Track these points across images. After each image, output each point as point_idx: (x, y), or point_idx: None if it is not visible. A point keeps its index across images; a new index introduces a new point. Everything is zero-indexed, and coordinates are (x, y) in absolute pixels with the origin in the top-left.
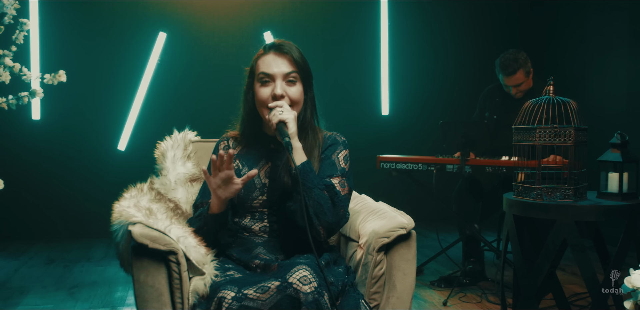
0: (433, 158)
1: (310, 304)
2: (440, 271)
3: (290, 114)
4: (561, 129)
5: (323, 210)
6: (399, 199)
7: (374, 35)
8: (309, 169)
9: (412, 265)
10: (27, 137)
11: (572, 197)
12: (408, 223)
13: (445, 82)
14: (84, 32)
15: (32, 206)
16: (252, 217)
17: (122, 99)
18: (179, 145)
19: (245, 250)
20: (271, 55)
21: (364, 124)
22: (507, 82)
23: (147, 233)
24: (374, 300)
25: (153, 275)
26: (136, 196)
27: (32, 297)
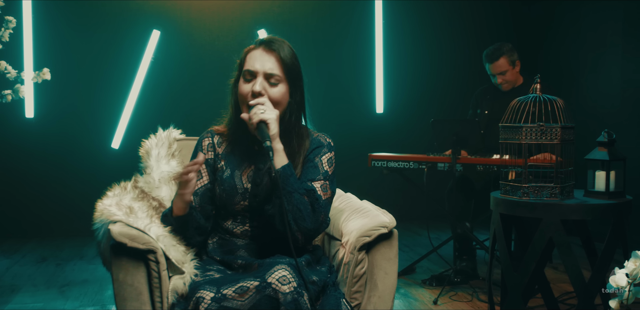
0: (424, 156)
1: (289, 304)
2: (432, 270)
3: (272, 114)
4: (548, 127)
5: (302, 216)
6: (393, 197)
7: (368, 33)
8: (290, 173)
9: (394, 264)
10: (20, 135)
11: (559, 195)
12: (389, 222)
13: (440, 81)
14: (77, 30)
15: (25, 204)
16: (234, 220)
17: (115, 97)
18: (163, 144)
19: (228, 252)
20: (260, 50)
21: (358, 122)
22: (491, 70)
23: (126, 232)
24: (355, 300)
25: (132, 274)
26: (119, 195)
27: (22, 295)
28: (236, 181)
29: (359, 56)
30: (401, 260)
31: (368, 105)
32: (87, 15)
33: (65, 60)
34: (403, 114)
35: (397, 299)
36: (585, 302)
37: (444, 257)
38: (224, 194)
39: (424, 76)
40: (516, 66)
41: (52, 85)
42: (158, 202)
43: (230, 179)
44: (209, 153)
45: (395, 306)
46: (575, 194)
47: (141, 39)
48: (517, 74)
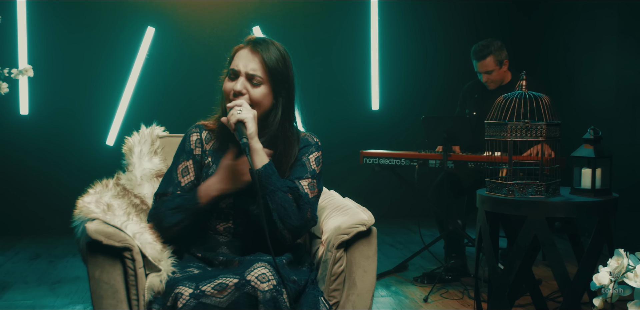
0: (416, 153)
1: (267, 302)
2: (425, 267)
3: (249, 114)
4: (533, 124)
5: (287, 214)
6: (390, 194)
7: (364, 30)
8: (271, 172)
9: (373, 262)
10: (15, 132)
11: (544, 193)
12: (368, 219)
13: (436, 78)
14: (72, 27)
15: (20, 201)
16: (217, 217)
17: (110, 94)
18: (145, 141)
19: (210, 248)
20: (246, 50)
21: (353, 119)
22: (478, 68)
23: (102, 229)
24: (333, 298)
25: (108, 271)
26: (100, 192)
27: (12, 292)
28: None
29: (355, 53)
30: (394, 258)
31: (363, 102)
32: (81, 12)
33: (60, 57)
34: (399, 111)
35: (388, 297)
36: (571, 301)
37: (437, 254)
38: None
39: (420, 73)
40: (504, 65)
41: (47, 83)
42: (140, 200)
43: None
44: (197, 149)
45: (385, 304)
46: (562, 191)
47: (136, 36)
48: (504, 73)
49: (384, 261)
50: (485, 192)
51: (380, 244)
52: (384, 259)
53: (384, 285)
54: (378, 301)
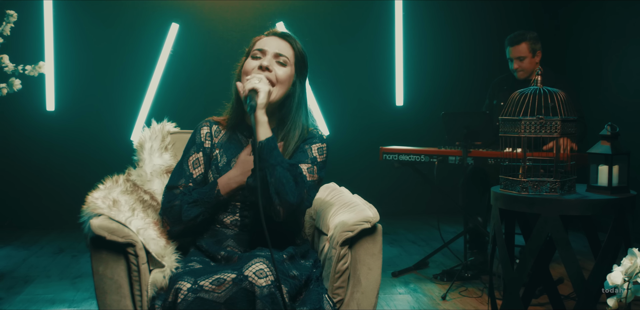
0: (435, 149)
1: (264, 298)
2: (446, 264)
3: (265, 86)
4: (547, 121)
5: (285, 190)
6: (411, 191)
7: (388, 25)
8: (273, 146)
9: (378, 259)
10: (40, 129)
11: (559, 190)
12: (373, 217)
13: (461, 73)
14: (97, 24)
15: (46, 197)
16: (225, 209)
17: (135, 90)
18: (156, 137)
19: (216, 242)
20: (273, 37)
21: (377, 115)
22: (510, 53)
23: (106, 225)
24: (337, 295)
25: (112, 267)
26: (110, 188)
27: (34, 286)
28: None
29: (379, 48)
30: (415, 255)
31: (388, 97)
32: (106, 9)
33: (86, 54)
34: (424, 107)
35: (406, 294)
36: (585, 301)
37: (458, 251)
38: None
39: (445, 68)
40: (536, 56)
41: (73, 79)
42: (150, 196)
43: (225, 167)
44: (207, 142)
45: (403, 301)
46: (578, 189)
47: (160, 33)
48: (535, 65)
49: (404, 258)
50: (499, 189)
51: (402, 241)
52: (405, 256)
53: (403, 282)
54: (396, 298)
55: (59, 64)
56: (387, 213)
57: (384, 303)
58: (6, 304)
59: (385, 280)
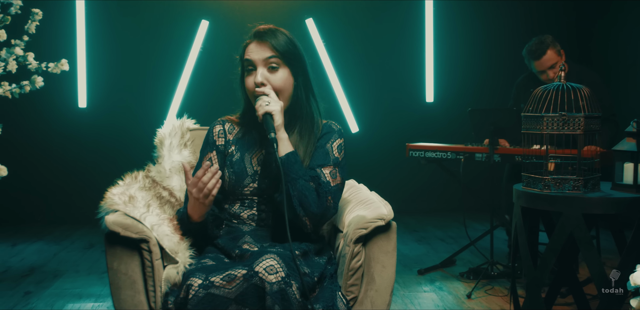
0: (462, 146)
1: (274, 294)
2: (473, 262)
3: (276, 106)
4: (570, 117)
5: (308, 202)
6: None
7: (419, 21)
8: (294, 160)
9: (392, 257)
10: (73, 125)
11: (582, 188)
12: (387, 214)
13: (492, 70)
14: (128, 21)
15: (78, 191)
16: (242, 204)
17: (165, 87)
18: (176, 133)
19: (232, 239)
20: (254, 43)
21: (408, 112)
22: (539, 67)
23: (121, 221)
24: (351, 293)
25: (126, 262)
26: (128, 184)
27: (63, 280)
28: (246, 164)
29: (409, 43)
30: (443, 252)
31: (418, 94)
32: (137, 7)
33: (117, 52)
34: (455, 103)
35: (431, 292)
36: (608, 301)
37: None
38: (234, 176)
39: (476, 64)
40: (562, 55)
41: (104, 76)
42: (168, 192)
43: (240, 162)
44: (220, 139)
45: (427, 299)
46: (603, 187)
47: (190, 30)
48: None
49: (432, 256)
50: (522, 187)
51: (430, 239)
52: (433, 254)
53: (428, 280)
54: (420, 296)
55: (90, 61)
56: (418, 210)
57: (407, 301)
58: (34, 297)
59: (411, 278)
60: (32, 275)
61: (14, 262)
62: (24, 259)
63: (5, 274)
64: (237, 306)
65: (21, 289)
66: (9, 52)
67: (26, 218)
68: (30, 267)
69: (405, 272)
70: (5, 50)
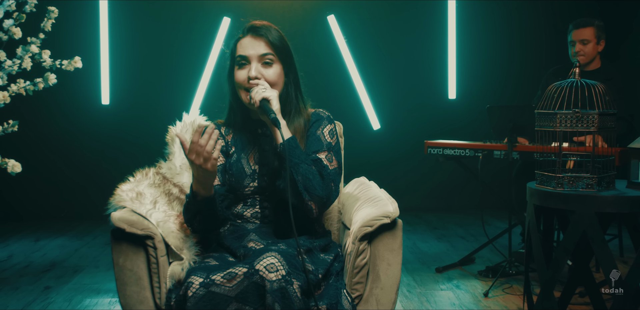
0: (480, 144)
1: (274, 292)
2: (492, 261)
3: (273, 92)
4: (584, 114)
5: (313, 185)
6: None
7: (441, 18)
8: (295, 145)
9: (398, 255)
10: (96, 122)
11: (596, 186)
12: (393, 212)
13: (515, 67)
14: (150, 19)
15: (101, 187)
16: (245, 203)
17: (187, 84)
18: (187, 130)
19: (238, 238)
20: (248, 38)
21: (430, 108)
22: (574, 36)
23: (126, 217)
24: (356, 291)
25: (132, 259)
26: (139, 180)
27: (82, 276)
28: (243, 164)
29: (432, 40)
30: (463, 250)
31: (440, 91)
32: (159, 4)
33: (139, 49)
34: (477, 100)
35: (448, 290)
36: (623, 301)
37: (504, 247)
38: (233, 178)
39: (499, 61)
40: (600, 44)
41: (127, 74)
42: (179, 189)
43: (237, 163)
44: (220, 140)
45: (443, 297)
46: (618, 185)
47: (212, 27)
48: (597, 53)
49: (451, 254)
50: (535, 184)
51: (450, 236)
52: (452, 252)
53: (446, 278)
54: (437, 294)
55: (113, 59)
56: (439, 208)
57: (423, 299)
58: (54, 292)
59: (429, 276)
60: (52, 270)
61: (36, 257)
62: (46, 254)
63: (26, 269)
64: (238, 304)
65: (41, 283)
66: (25, 50)
67: (51, 214)
68: (51, 262)
69: (423, 270)
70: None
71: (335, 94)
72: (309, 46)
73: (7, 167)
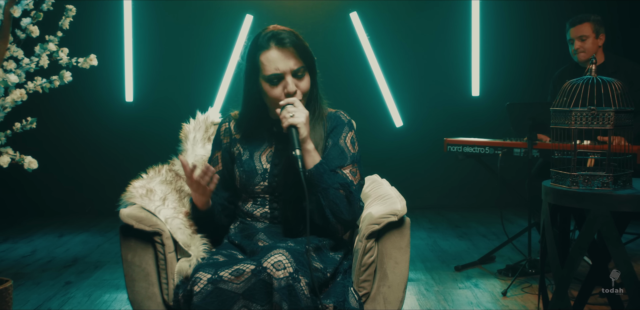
0: (500, 141)
1: (281, 290)
2: (513, 259)
3: (302, 117)
4: (599, 112)
5: (340, 210)
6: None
7: (465, 14)
8: (323, 170)
9: (405, 253)
10: (120, 119)
11: (612, 185)
12: (400, 210)
13: (539, 63)
14: (173, 16)
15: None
16: (254, 202)
17: (210, 82)
18: (200, 127)
19: (247, 236)
20: (274, 50)
21: (453, 106)
22: (572, 34)
23: (135, 214)
24: (363, 289)
25: (140, 255)
26: (151, 177)
27: (103, 272)
28: (255, 162)
29: (455, 37)
30: (484, 249)
31: (463, 88)
32: (182, 2)
33: (162, 47)
34: (500, 97)
35: (465, 289)
36: (637, 301)
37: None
38: (244, 175)
39: (524, 57)
40: (599, 38)
41: (150, 71)
42: None
43: (249, 161)
44: (226, 138)
45: (461, 296)
46: (635, 184)
47: (234, 24)
48: (597, 48)
49: (472, 252)
50: (550, 183)
51: (472, 235)
52: (473, 250)
53: (465, 276)
54: (454, 293)
55: (137, 57)
56: (462, 206)
57: (441, 297)
58: (74, 287)
59: (448, 274)
60: (74, 265)
61: (58, 253)
62: (69, 249)
63: (49, 264)
64: (245, 301)
65: (62, 279)
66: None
67: (75, 210)
68: (73, 258)
69: (443, 268)
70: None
71: (358, 91)
72: (332, 43)
73: (23, 163)
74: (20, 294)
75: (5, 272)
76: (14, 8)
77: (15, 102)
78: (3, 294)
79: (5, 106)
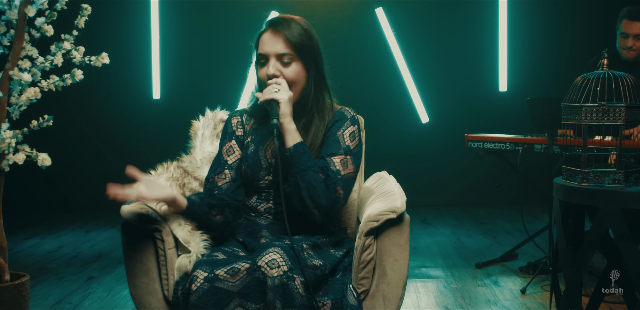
0: (521, 137)
1: (275, 288)
2: (535, 257)
3: (284, 95)
4: (610, 107)
5: (317, 193)
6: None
7: (492, 11)
8: (302, 151)
9: (404, 251)
10: (147, 115)
11: (623, 181)
12: (400, 207)
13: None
14: (199, 15)
15: None
16: (259, 197)
17: (236, 80)
18: (209, 124)
19: (250, 233)
20: (268, 33)
21: (480, 101)
22: (628, 29)
23: (136, 210)
24: (362, 286)
25: (141, 251)
26: (160, 174)
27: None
28: (260, 156)
29: (482, 31)
30: (507, 246)
31: (491, 83)
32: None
33: (189, 45)
34: (528, 92)
35: (484, 286)
36: None
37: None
38: (249, 169)
39: (553, 52)
40: None
41: (177, 69)
42: (199, 182)
43: (254, 155)
44: (239, 130)
45: (479, 293)
46: None
47: (260, 21)
48: None
49: (495, 249)
50: (561, 180)
51: (496, 232)
52: (496, 247)
53: (485, 274)
54: (473, 290)
55: (164, 55)
56: (488, 202)
57: (458, 295)
58: (95, 282)
59: (468, 272)
60: (98, 261)
61: (84, 248)
62: (94, 245)
63: (74, 259)
64: (241, 300)
65: (85, 274)
66: (58, 47)
67: (103, 206)
68: (98, 253)
69: (464, 266)
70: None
71: (385, 86)
72: (358, 39)
73: (37, 160)
74: (43, 289)
75: (31, 267)
76: (29, 8)
77: (30, 100)
78: (20, 289)
79: (20, 104)
